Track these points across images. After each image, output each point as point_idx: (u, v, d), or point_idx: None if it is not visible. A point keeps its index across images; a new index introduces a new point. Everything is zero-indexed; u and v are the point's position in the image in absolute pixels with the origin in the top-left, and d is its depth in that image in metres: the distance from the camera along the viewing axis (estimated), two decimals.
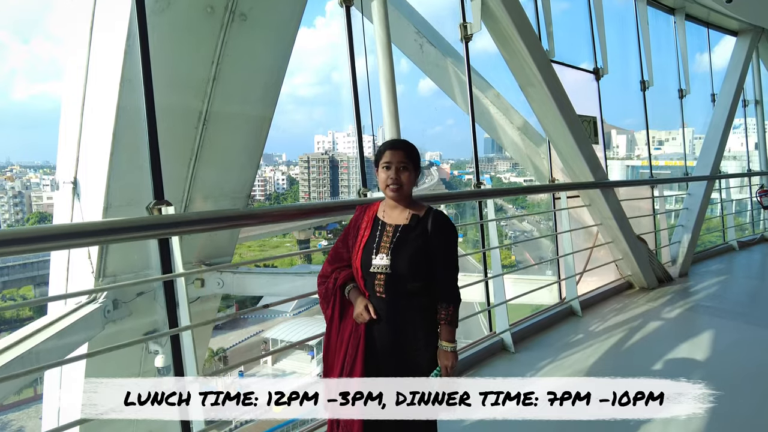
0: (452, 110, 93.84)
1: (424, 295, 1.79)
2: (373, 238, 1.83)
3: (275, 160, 49.99)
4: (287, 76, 5.23)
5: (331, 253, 1.96)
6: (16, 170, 37.50)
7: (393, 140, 1.88)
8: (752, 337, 4.05)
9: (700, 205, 6.34)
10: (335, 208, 2.45)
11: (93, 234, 1.53)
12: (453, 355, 1.78)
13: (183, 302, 1.99)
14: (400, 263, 1.75)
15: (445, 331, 1.78)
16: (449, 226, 1.82)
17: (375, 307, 1.78)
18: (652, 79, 6.19)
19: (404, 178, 1.78)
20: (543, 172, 5.47)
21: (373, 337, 1.80)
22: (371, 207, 1.94)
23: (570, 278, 4.46)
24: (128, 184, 4.23)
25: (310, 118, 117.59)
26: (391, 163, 1.79)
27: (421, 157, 1.88)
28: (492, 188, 3.88)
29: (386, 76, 3.30)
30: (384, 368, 1.79)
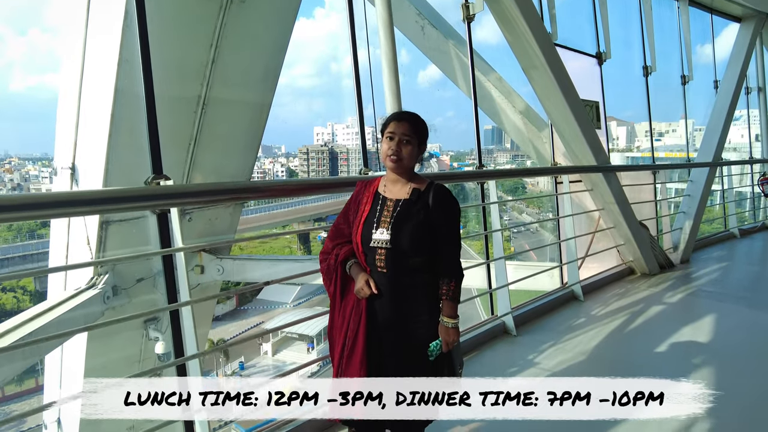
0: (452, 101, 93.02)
1: (425, 270, 1.76)
2: (374, 212, 1.80)
3: (274, 152, 49.89)
4: (286, 67, 5.20)
5: (332, 229, 1.93)
6: (15, 162, 37.43)
7: (400, 111, 1.84)
8: (754, 321, 4.04)
9: (701, 192, 6.31)
10: (336, 184, 2.42)
11: (90, 203, 1.50)
12: (454, 331, 1.76)
13: (183, 279, 1.96)
14: (400, 238, 1.72)
15: (447, 306, 1.76)
16: (451, 200, 1.79)
17: (376, 282, 1.75)
18: (654, 64, 6.13)
19: (405, 152, 1.74)
20: (545, 157, 5.43)
21: (374, 312, 1.78)
22: (372, 182, 1.91)
23: (572, 263, 4.44)
24: (127, 167, 4.19)
25: (309, 109, 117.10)
26: (394, 134, 1.75)
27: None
28: (494, 169, 3.84)
29: (388, 55, 3.25)
30: (385, 343, 1.78)
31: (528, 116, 5.69)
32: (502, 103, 5.61)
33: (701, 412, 2.57)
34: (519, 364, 3.17)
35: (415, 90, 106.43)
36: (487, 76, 5.57)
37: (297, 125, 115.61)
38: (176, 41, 4.24)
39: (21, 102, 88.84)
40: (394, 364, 1.77)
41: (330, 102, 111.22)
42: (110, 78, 3.95)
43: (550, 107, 4.25)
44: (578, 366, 3.16)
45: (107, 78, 3.98)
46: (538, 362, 3.20)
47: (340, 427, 2.42)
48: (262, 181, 3.98)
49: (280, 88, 4.94)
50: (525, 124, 5.65)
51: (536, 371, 3.08)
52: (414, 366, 1.78)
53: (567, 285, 4.50)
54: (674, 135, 32.88)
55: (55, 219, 4.56)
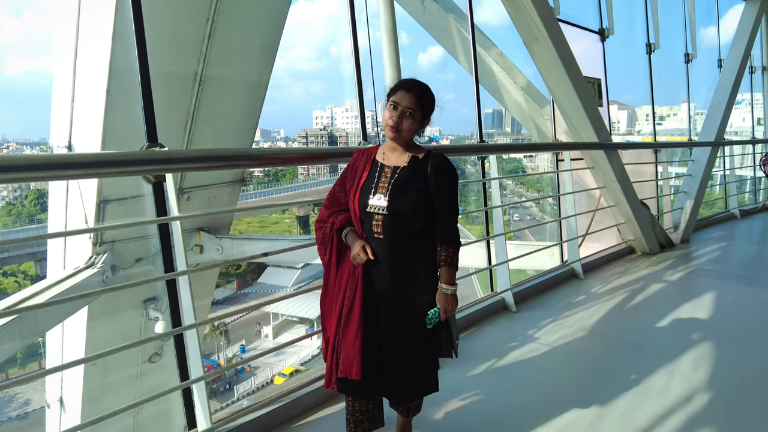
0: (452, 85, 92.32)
1: (422, 237, 1.75)
2: (371, 179, 1.78)
3: (273, 136, 49.68)
4: (285, 50, 5.15)
5: (329, 197, 1.91)
6: (13, 147, 37.27)
7: (410, 80, 1.77)
8: (754, 298, 4.04)
9: (703, 172, 6.27)
10: (334, 155, 2.38)
11: (83, 166, 1.47)
12: (452, 298, 1.75)
13: (179, 250, 1.94)
14: (398, 204, 1.70)
15: (445, 273, 1.74)
16: (449, 168, 1.77)
17: (373, 249, 1.73)
18: (658, 41, 6.04)
19: (405, 124, 1.71)
20: (546, 134, 5.37)
21: (371, 279, 1.76)
22: (370, 150, 1.88)
23: (572, 241, 4.42)
24: (124, 144, 4.15)
25: (308, 92, 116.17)
26: (398, 104, 1.71)
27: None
28: (495, 144, 3.79)
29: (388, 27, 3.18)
30: (382, 311, 1.76)
31: (529, 93, 5.62)
32: (504, 79, 5.54)
33: (700, 386, 2.58)
34: (519, 339, 3.16)
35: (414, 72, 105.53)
36: (488, 51, 5.48)
37: (296, 109, 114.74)
38: (172, 15, 4.17)
39: (17, 86, 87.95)
40: (391, 332, 1.76)
41: (329, 85, 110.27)
42: (105, 54, 3.88)
43: (551, 82, 4.18)
44: (578, 342, 3.16)
45: (102, 54, 3.91)
46: (538, 337, 3.20)
47: (342, 398, 2.42)
48: (258, 149, 3.94)
49: (278, 72, 4.89)
50: (526, 101, 5.58)
51: (536, 346, 3.08)
52: (412, 334, 1.76)
53: (567, 263, 4.49)
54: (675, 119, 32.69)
55: (49, 182, 4.52)
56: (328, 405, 2.42)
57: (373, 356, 1.74)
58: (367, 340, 1.73)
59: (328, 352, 1.83)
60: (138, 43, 2.19)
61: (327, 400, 2.44)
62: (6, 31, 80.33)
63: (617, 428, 2.22)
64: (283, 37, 5.02)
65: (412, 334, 1.76)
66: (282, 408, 2.28)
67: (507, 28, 4.06)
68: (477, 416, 2.31)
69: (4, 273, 28.15)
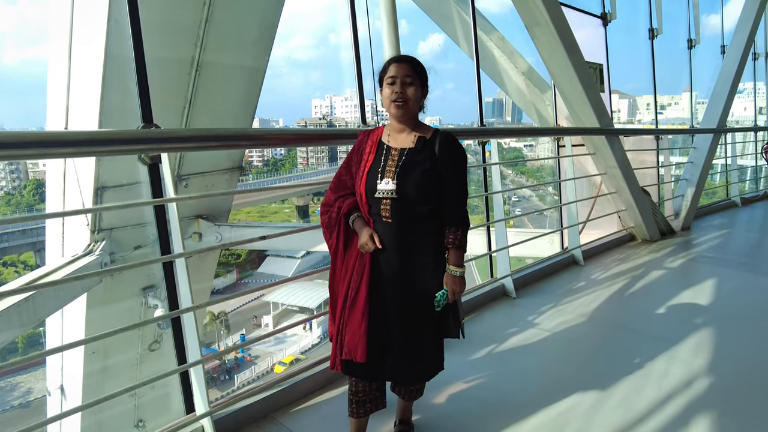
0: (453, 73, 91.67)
1: (431, 220, 1.73)
2: (378, 162, 1.73)
3: (272, 125, 49.43)
4: (284, 38, 5.08)
5: (334, 181, 1.87)
6: None
7: (397, 55, 1.77)
8: (754, 284, 4.03)
9: (705, 159, 6.23)
10: (332, 136, 2.34)
11: (77, 144, 1.43)
12: (460, 280, 1.73)
13: (176, 231, 1.91)
14: (406, 187, 1.67)
15: (453, 255, 1.73)
16: (457, 148, 1.73)
17: (381, 234, 1.71)
18: (661, 26, 5.96)
19: (410, 93, 1.67)
20: (548, 120, 5.32)
21: (378, 264, 1.73)
22: (375, 131, 1.84)
23: (572, 227, 4.40)
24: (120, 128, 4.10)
25: (307, 81, 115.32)
26: (395, 77, 1.68)
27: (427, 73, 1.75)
28: (495, 127, 3.76)
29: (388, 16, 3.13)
30: (389, 295, 1.74)
31: (531, 78, 5.56)
32: (505, 63, 5.48)
33: (700, 371, 2.57)
34: (519, 325, 3.15)
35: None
36: (489, 36, 5.41)
37: (295, 98, 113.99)
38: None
39: (15, 76, 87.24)
40: (398, 316, 1.74)
41: (328, 74, 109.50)
42: (100, 38, 3.83)
43: (553, 67, 4.12)
44: (578, 327, 3.15)
45: (97, 39, 3.86)
46: (538, 323, 3.19)
47: (341, 383, 2.42)
48: (256, 129, 3.90)
49: (277, 61, 4.84)
50: (528, 86, 5.52)
51: (536, 332, 3.07)
52: (419, 317, 1.75)
53: (567, 249, 4.47)
54: (676, 108, 32.49)
55: (46, 169, 4.51)
56: (327, 390, 2.41)
57: (379, 339, 1.72)
58: (373, 323, 1.71)
59: (334, 334, 1.81)
60: (132, 24, 2.14)
61: (326, 384, 2.43)
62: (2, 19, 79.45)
63: (617, 413, 2.21)
64: (282, 26, 4.97)
65: (419, 317, 1.75)
66: (280, 393, 2.27)
67: (507, 15, 4.02)
68: (477, 401, 2.30)
69: (4, 263, 28.17)
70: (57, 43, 4.50)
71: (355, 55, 3.01)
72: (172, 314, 1.96)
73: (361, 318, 1.72)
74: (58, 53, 4.49)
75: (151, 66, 3.64)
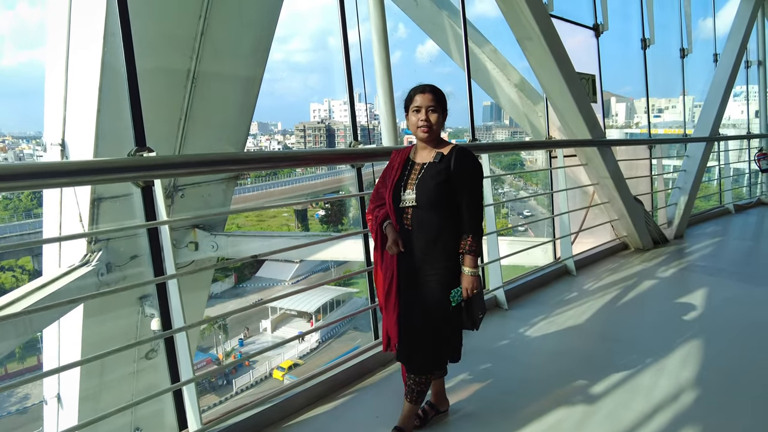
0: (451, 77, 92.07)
1: (446, 227, 1.96)
2: (403, 175, 2.02)
3: (271, 129, 49.44)
4: (282, 42, 5.12)
5: (373, 193, 2.21)
6: (9, 141, 37.03)
7: (421, 85, 2.00)
8: (745, 294, 4.07)
9: (697, 167, 6.28)
10: (322, 158, 2.37)
11: (71, 174, 1.47)
12: (474, 279, 1.96)
13: (168, 253, 1.95)
14: (423, 197, 1.93)
15: (467, 259, 1.96)
16: (471, 161, 1.98)
17: (404, 239, 2.00)
18: (653, 37, 6.02)
19: (433, 119, 1.96)
20: (540, 131, 5.37)
21: (403, 265, 2.04)
22: (405, 150, 2.13)
23: (565, 237, 4.44)
24: (117, 142, 4.12)
25: (305, 85, 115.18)
26: (420, 106, 1.95)
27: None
28: (487, 143, 3.80)
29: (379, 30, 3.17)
30: (410, 294, 2.03)
31: (523, 89, 5.61)
32: (497, 75, 5.53)
33: (687, 384, 2.61)
34: (510, 338, 3.19)
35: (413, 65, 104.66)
36: (481, 48, 5.46)
37: (293, 101, 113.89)
38: (164, 13, 4.15)
39: (13, 79, 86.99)
40: (419, 309, 2.01)
41: (327, 78, 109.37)
42: (96, 52, 3.87)
43: (544, 80, 4.17)
44: (569, 339, 3.19)
45: (93, 52, 3.90)
46: (529, 335, 3.23)
47: (333, 398, 2.45)
48: (246, 153, 3.93)
49: (276, 64, 4.89)
50: (520, 98, 5.58)
51: (526, 344, 3.11)
52: (436, 310, 1.99)
53: (560, 259, 4.51)
54: (674, 111, 32.63)
55: (37, 190, 4.55)
56: (320, 404, 2.44)
57: (405, 328, 2.05)
58: (402, 312, 2.05)
59: (383, 321, 2.19)
60: (125, 48, 2.18)
61: (318, 399, 2.47)
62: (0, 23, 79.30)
63: (605, 426, 2.25)
64: (281, 30, 5.01)
65: (436, 310, 1.99)
66: (273, 408, 2.30)
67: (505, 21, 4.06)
68: (465, 414, 2.33)
69: (2, 268, 28.11)
70: (54, 53, 4.54)
71: (347, 70, 3.05)
72: (165, 334, 1.99)
73: (394, 308, 2.07)
74: (55, 63, 4.53)
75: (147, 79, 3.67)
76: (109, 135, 4.10)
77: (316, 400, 2.46)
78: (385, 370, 2.73)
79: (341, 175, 29.56)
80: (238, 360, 23.99)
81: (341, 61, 3.29)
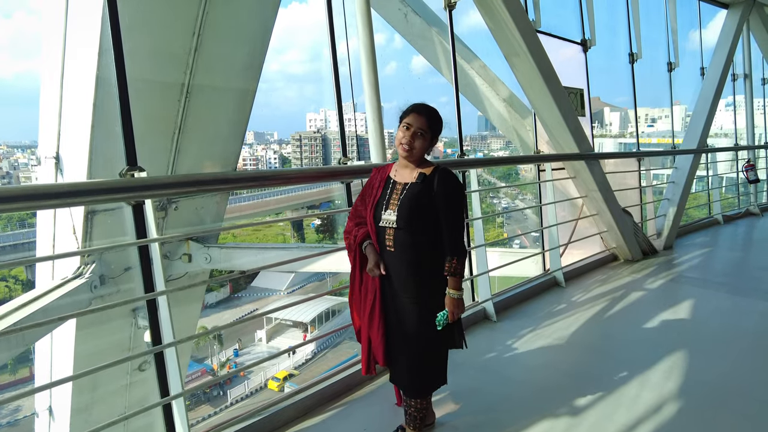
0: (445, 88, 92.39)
1: (429, 249, 1.92)
2: (384, 195, 1.98)
3: (267, 139, 49.55)
4: (279, 53, 5.18)
5: (352, 211, 2.15)
6: (4, 150, 36.94)
7: (421, 104, 1.98)
8: (731, 305, 4.12)
9: (686, 179, 6.37)
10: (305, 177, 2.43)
11: (60, 196, 1.51)
12: (459, 302, 1.94)
13: (158, 270, 1.99)
14: (405, 218, 1.89)
15: (452, 281, 1.92)
16: (454, 182, 1.95)
17: (386, 261, 1.95)
18: (640, 51, 6.14)
19: (417, 144, 1.91)
20: (529, 144, 5.46)
21: (385, 286, 2.01)
22: (385, 168, 2.09)
23: (554, 249, 4.50)
24: (111, 156, 4.16)
25: (301, 95, 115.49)
26: (411, 125, 1.91)
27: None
28: (474, 158, 3.87)
29: (366, 46, 3.24)
30: (394, 317, 2.01)
31: (512, 104, 5.71)
32: (486, 91, 5.62)
33: (670, 396, 2.65)
34: (497, 350, 3.23)
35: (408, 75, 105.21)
36: (470, 64, 5.56)
37: (289, 111, 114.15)
38: (158, 29, 4.21)
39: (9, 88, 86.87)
40: (402, 333, 2.00)
41: (323, 88, 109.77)
42: (91, 67, 3.93)
43: (532, 95, 4.26)
44: (555, 352, 3.22)
45: (88, 67, 3.96)
46: (516, 348, 3.27)
47: (322, 410, 2.48)
48: (234, 172, 3.97)
49: (273, 75, 4.95)
50: (509, 112, 5.67)
51: (513, 357, 3.14)
52: (424, 333, 1.97)
53: (549, 271, 4.56)
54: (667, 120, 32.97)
55: (26, 212, 4.59)
56: (308, 417, 2.47)
57: (392, 350, 2.04)
58: (388, 335, 2.02)
59: (362, 344, 2.13)
60: (117, 64, 2.24)
61: (307, 413, 2.50)
62: None
63: None
64: (277, 41, 5.08)
65: (417, 336, 1.98)
66: (262, 421, 2.33)
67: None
68: (452, 427, 2.36)
69: None
70: (49, 67, 4.59)
71: (336, 87, 3.11)
72: (156, 349, 2.03)
73: (377, 331, 2.02)
74: (50, 77, 4.58)
75: (141, 92, 3.74)
76: (103, 150, 4.15)
77: (305, 413, 2.49)
78: (373, 383, 2.76)
79: (334, 185, 29.62)
80: (230, 373, 23.89)
81: (339, 73, 3.35)
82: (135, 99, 4.31)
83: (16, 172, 33.45)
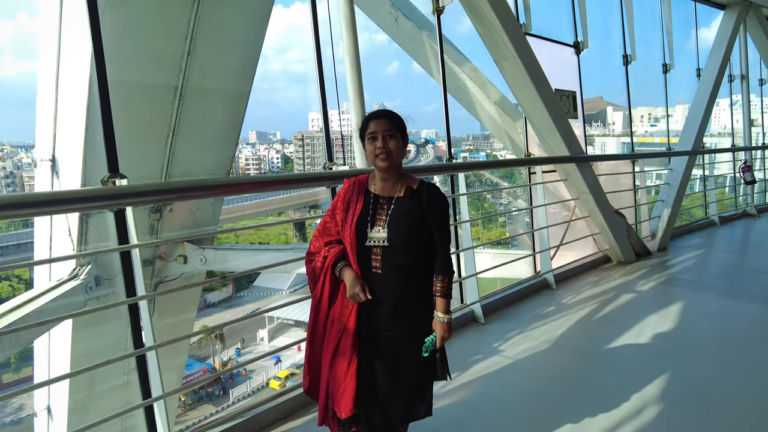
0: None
1: (418, 270, 1.77)
2: (367, 211, 1.78)
3: (269, 138, 49.70)
4: (281, 52, 5.19)
5: (319, 227, 1.91)
6: (7, 150, 37.17)
7: (375, 111, 1.81)
8: (722, 308, 4.12)
9: (680, 181, 6.37)
10: (291, 181, 2.46)
11: (41, 204, 1.55)
12: (448, 326, 1.78)
13: (138, 274, 2.03)
14: (398, 235, 1.72)
15: (441, 303, 1.78)
16: (443, 199, 1.80)
17: (370, 284, 1.73)
18: (634, 53, 6.14)
19: (392, 146, 1.73)
20: (520, 147, 5.47)
21: (365, 315, 1.77)
22: (359, 180, 1.87)
23: (544, 251, 4.51)
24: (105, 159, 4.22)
25: (304, 95, 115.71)
26: (376, 132, 1.73)
27: (409, 130, 1.82)
28: (463, 162, 3.89)
29: (350, 50, 3.28)
30: (376, 345, 1.77)
31: (503, 107, 5.73)
32: (477, 94, 5.64)
33: (653, 400, 2.67)
34: (484, 352, 3.25)
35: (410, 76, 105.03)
36: (461, 67, 5.58)
37: (292, 111, 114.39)
38: (151, 33, 4.25)
39: (12, 88, 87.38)
40: (387, 365, 1.77)
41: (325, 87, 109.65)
42: (85, 70, 3.97)
43: (522, 98, 4.28)
44: (541, 355, 3.24)
45: (82, 70, 4.00)
46: (503, 350, 3.29)
47: (303, 413, 2.51)
48: (211, 179, 3.97)
49: (275, 74, 4.97)
50: (500, 115, 5.69)
51: (500, 359, 3.16)
52: (407, 365, 1.78)
53: (540, 273, 4.58)
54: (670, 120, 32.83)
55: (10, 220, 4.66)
56: (291, 419, 2.50)
57: (367, 388, 1.76)
58: (360, 375, 1.75)
59: (321, 388, 1.85)
60: (99, 80, 2.26)
61: (289, 414, 2.53)
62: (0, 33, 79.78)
63: None
64: (279, 40, 5.11)
65: (407, 365, 1.78)
66: (244, 423, 2.37)
67: None
68: (433, 430, 2.39)
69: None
70: (45, 70, 4.63)
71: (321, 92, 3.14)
72: (137, 352, 2.06)
73: (347, 369, 1.75)
74: (46, 80, 4.62)
75: (135, 95, 3.77)
76: (97, 153, 4.18)
77: (288, 415, 2.52)
78: None
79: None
80: (219, 372, 24.02)
81: (340, 72, 3.36)
82: (129, 102, 4.37)
83: (20, 172, 33.64)
